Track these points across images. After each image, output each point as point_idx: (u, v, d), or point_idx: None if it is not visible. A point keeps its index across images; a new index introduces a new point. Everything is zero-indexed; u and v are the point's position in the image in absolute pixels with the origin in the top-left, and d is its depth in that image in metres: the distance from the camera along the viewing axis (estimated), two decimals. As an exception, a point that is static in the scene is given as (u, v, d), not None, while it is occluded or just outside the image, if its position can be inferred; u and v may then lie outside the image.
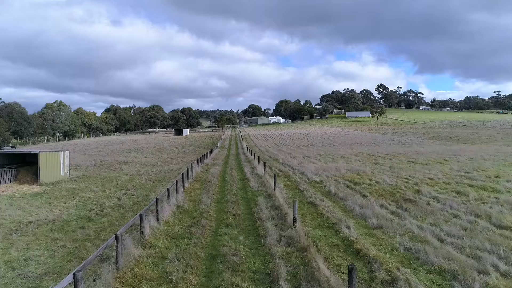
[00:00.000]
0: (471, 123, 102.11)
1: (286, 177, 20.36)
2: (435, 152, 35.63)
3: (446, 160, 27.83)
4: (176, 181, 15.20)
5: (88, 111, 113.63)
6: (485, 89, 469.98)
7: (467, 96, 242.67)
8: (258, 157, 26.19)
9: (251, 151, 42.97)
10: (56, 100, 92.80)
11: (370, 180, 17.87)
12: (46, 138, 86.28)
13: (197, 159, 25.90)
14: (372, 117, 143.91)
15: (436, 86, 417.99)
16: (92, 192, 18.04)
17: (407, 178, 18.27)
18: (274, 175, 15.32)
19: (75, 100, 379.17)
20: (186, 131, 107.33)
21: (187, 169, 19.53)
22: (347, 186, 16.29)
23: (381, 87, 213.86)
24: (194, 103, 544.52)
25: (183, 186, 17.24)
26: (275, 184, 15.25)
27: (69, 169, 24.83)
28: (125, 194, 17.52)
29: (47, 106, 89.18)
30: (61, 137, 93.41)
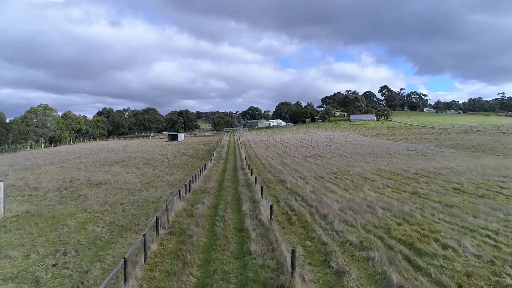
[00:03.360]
0: (485, 128, 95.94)
1: (303, 227, 14.02)
2: (474, 170, 29.36)
3: (502, 188, 21.53)
4: (125, 261, 8.84)
5: (78, 114, 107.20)
6: (484, 90, 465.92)
7: (471, 98, 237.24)
8: (261, 187, 19.87)
9: (251, 167, 36.63)
10: (41, 104, 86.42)
11: (437, 241, 11.52)
12: (29, 144, 79.78)
13: (179, 190, 19.54)
14: (377, 120, 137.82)
15: (436, 87, 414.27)
16: (7, 261, 11.67)
17: (490, 237, 11.95)
18: (293, 251, 8.99)
19: (73, 101, 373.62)
20: (181, 136, 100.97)
21: (157, 219, 13.15)
22: (410, 262, 9.95)
23: (384, 88, 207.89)
24: (193, 104, 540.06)
25: (145, 256, 10.90)
26: (293, 267, 8.92)
27: (5, 205, 18.42)
28: (54, 266, 11.18)
29: (31, 110, 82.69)
30: (47, 143, 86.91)
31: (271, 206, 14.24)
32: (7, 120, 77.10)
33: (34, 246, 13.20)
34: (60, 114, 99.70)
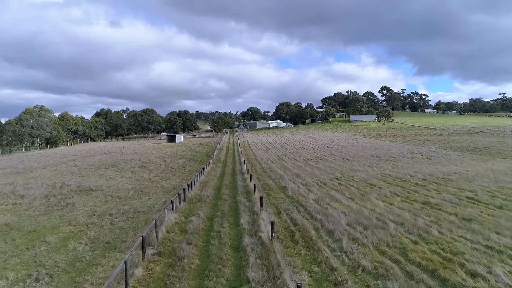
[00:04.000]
0: (488, 129, 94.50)
1: (308, 247, 12.53)
2: (484, 176, 27.93)
3: (520, 196, 20.08)
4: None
5: (75, 115, 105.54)
6: (484, 91, 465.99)
7: (471, 98, 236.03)
8: (261, 197, 18.37)
9: (251, 171, 35.18)
10: (37, 105, 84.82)
11: (463, 266, 10.05)
12: (24, 146, 78.19)
13: (172, 201, 17.99)
14: (378, 121, 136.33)
15: (435, 88, 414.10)
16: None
17: (521, 260, 10.49)
18: (298, 287, 7.54)
19: (73, 101, 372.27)
20: (180, 137, 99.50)
21: (143, 239, 11.62)
22: (437, 296, 8.48)
23: (385, 89, 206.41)
24: (193, 105, 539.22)
25: (126, 285, 9.40)
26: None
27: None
28: (22, 297, 9.69)
29: (26, 111, 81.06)
30: (43, 144, 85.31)
31: (272, 223, 12.74)
32: (2, 121, 75.68)
33: (4, 269, 11.71)
34: (57, 115, 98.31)
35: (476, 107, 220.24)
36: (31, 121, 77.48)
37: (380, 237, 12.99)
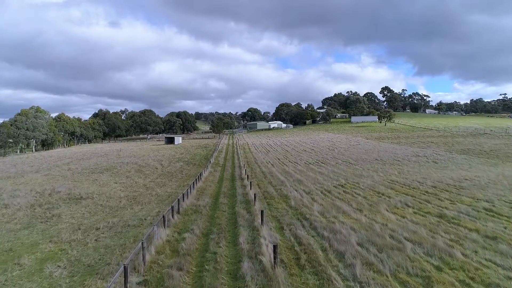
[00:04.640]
0: (491, 130, 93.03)
1: (316, 274, 10.94)
2: (498, 183, 26.42)
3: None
4: None
5: (72, 116, 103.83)
6: (484, 91, 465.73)
7: (472, 99, 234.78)
8: (262, 211, 16.74)
9: (251, 177, 33.62)
10: (33, 106, 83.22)
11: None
12: (19, 148, 76.53)
13: (163, 216, 16.33)
14: (380, 122, 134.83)
15: (435, 88, 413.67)
16: None
17: None
18: None
19: (73, 102, 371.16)
20: (178, 139, 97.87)
21: (125, 268, 10.04)
22: None
23: (385, 89, 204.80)
24: (193, 105, 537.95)
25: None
26: None
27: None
28: None
29: (22, 112, 79.38)
30: (39, 146, 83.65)
31: (274, 247, 11.16)
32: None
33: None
34: (56, 115, 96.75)
35: (477, 107, 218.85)
36: (27, 123, 75.82)
37: (398, 262, 11.40)
